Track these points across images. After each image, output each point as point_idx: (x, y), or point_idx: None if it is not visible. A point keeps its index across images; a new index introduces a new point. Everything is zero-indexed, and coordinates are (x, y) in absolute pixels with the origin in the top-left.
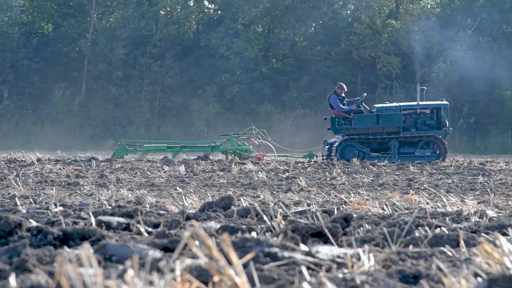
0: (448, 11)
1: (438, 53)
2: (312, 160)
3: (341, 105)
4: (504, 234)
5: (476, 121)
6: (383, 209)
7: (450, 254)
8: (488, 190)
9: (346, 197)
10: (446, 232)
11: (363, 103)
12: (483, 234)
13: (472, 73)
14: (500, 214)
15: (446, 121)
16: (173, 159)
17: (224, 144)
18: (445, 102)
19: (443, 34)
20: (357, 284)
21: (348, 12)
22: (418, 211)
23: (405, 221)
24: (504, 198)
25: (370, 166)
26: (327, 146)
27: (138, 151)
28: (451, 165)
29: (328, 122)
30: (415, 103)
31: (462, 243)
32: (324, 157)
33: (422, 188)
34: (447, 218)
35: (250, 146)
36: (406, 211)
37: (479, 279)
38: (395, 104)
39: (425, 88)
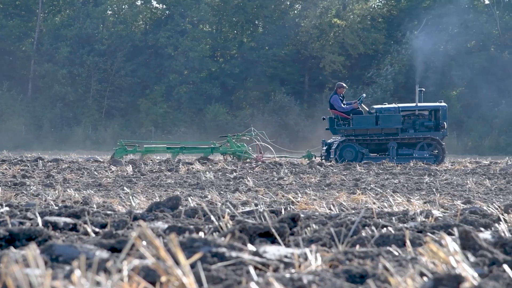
0: (395, 12)
1: (386, 54)
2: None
3: (342, 105)
4: (450, 234)
5: None
6: (330, 209)
7: (396, 253)
8: (434, 190)
9: (293, 197)
10: (393, 232)
11: (362, 104)
12: (429, 233)
13: (419, 73)
14: (446, 214)
15: (444, 123)
16: (173, 160)
17: (223, 146)
18: (443, 104)
19: (390, 35)
20: (304, 284)
21: (296, 12)
22: (364, 211)
23: (352, 221)
24: (450, 198)
25: (318, 166)
26: (325, 147)
27: (138, 151)
28: (397, 165)
29: (327, 122)
30: (413, 104)
31: (408, 242)
32: (323, 158)
33: (369, 188)
34: (393, 218)
35: (250, 148)
36: (353, 211)
37: (425, 278)
38: (393, 105)
39: (423, 89)
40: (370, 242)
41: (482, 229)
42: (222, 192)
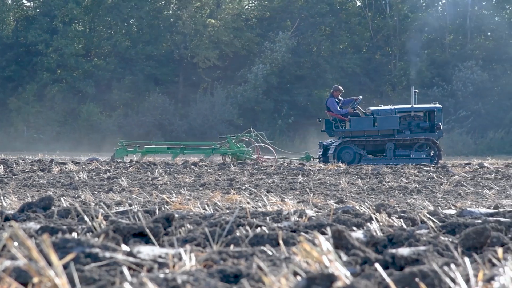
0: (268, 12)
1: (259, 53)
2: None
3: (338, 108)
4: (323, 233)
5: (295, 122)
6: (204, 209)
7: (270, 253)
8: (307, 189)
9: (168, 197)
10: (267, 231)
11: (358, 106)
12: (302, 233)
13: (291, 73)
14: (319, 213)
15: (440, 124)
16: (173, 160)
17: (223, 146)
18: (438, 105)
19: (263, 34)
20: (178, 284)
21: (170, 12)
22: (239, 211)
23: (226, 220)
24: (323, 198)
25: (192, 166)
26: (322, 149)
27: (138, 152)
28: (271, 165)
29: (322, 124)
30: (409, 106)
31: (281, 242)
32: (321, 159)
33: (243, 188)
34: (267, 218)
35: (249, 149)
36: (228, 211)
37: (298, 277)
38: (389, 107)
39: (417, 91)
40: (244, 242)
41: (354, 228)
42: (95, 192)
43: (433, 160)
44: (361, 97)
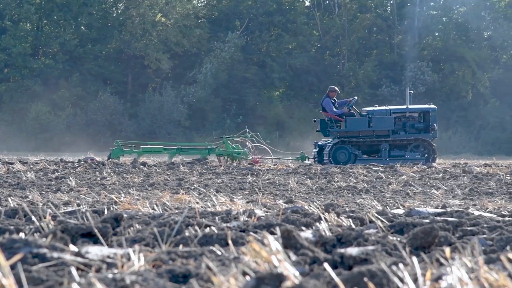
0: (216, 12)
1: (208, 53)
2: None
3: (334, 109)
4: (272, 233)
5: (243, 121)
6: (153, 209)
7: (219, 253)
8: (257, 189)
9: (116, 197)
10: (216, 231)
11: (353, 106)
12: (251, 233)
13: (240, 73)
14: (268, 213)
15: (435, 125)
16: (169, 161)
17: (219, 147)
18: (432, 106)
19: (212, 34)
20: (127, 284)
21: (119, 11)
22: (188, 211)
23: (175, 220)
24: (272, 198)
25: (141, 166)
26: (317, 149)
27: (134, 152)
28: (220, 165)
29: (317, 124)
30: (404, 106)
31: (230, 242)
32: (316, 160)
33: (192, 188)
34: (216, 218)
35: (245, 149)
36: (177, 211)
37: (248, 277)
38: (384, 107)
39: (412, 92)
40: (193, 242)
41: (303, 228)
42: (43, 192)
43: (428, 160)
44: (356, 97)
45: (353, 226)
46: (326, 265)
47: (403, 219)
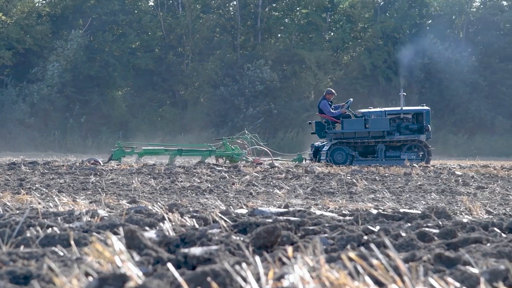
0: (59, 9)
1: (51, 51)
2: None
3: (331, 110)
4: (115, 233)
5: (87, 121)
6: None
7: (61, 254)
8: (100, 189)
9: None
10: (58, 232)
11: (349, 108)
12: (94, 233)
13: (84, 72)
14: (112, 213)
15: (428, 126)
16: (170, 162)
17: (219, 149)
18: (426, 107)
19: (55, 32)
20: None
21: None
22: (29, 211)
23: (17, 221)
24: (115, 198)
25: None
26: (313, 150)
27: (135, 153)
28: (63, 165)
29: (313, 126)
30: (398, 108)
31: (73, 242)
32: (314, 160)
33: (34, 188)
34: (59, 218)
35: (245, 151)
36: (18, 211)
37: (90, 278)
38: (379, 109)
39: (405, 94)
40: (35, 243)
41: (147, 228)
42: None
43: (423, 160)
44: (351, 99)
45: (197, 226)
46: (169, 265)
47: (246, 218)
